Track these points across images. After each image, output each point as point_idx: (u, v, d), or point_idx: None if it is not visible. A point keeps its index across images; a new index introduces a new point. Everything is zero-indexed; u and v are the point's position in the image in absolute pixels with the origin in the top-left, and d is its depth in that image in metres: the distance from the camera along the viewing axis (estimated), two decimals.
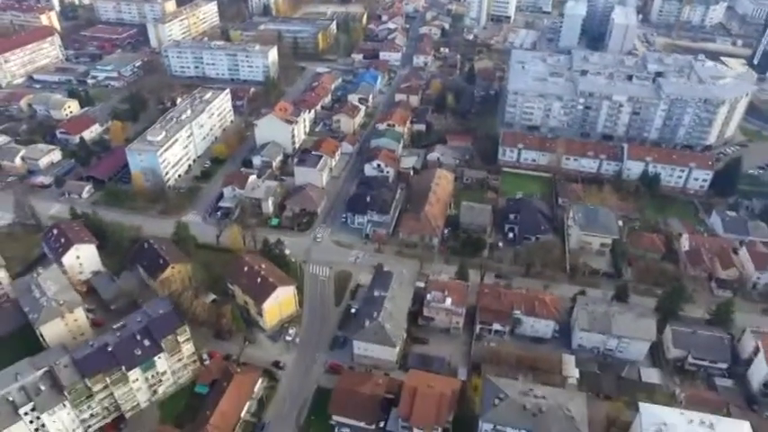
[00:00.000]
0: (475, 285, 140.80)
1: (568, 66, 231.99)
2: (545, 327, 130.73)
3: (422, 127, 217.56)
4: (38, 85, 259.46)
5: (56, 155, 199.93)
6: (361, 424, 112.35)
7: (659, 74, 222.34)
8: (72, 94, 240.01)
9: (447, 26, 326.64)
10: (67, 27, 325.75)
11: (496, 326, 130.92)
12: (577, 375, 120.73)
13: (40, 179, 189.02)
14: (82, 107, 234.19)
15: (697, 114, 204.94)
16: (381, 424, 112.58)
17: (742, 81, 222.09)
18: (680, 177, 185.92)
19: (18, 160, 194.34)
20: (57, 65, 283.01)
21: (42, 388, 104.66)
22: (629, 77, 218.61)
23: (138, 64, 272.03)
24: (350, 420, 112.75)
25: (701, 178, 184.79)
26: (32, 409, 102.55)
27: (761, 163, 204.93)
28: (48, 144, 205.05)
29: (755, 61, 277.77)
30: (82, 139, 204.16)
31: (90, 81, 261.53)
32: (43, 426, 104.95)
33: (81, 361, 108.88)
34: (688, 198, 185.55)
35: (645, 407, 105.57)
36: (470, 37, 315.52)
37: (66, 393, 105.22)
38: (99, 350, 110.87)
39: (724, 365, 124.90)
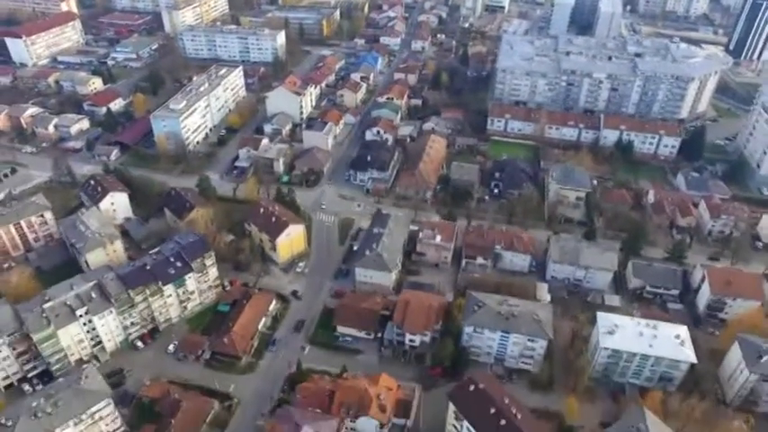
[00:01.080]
0: (462, 229, 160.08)
1: (554, 48, 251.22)
2: (522, 261, 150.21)
3: (418, 102, 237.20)
4: (61, 66, 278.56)
5: (84, 123, 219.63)
6: (362, 334, 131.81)
7: (638, 55, 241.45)
8: (95, 72, 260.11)
9: (444, 15, 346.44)
10: (85, 14, 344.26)
11: (480, 260, 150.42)
12: (549, 299, 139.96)
13: (72, 144, 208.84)
14: (105, 84, 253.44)
15: (670, 90, 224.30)
16: (379, 335, 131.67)
17: (711, 60, 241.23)
18: (651, 144, 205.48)
19: (51, 128, 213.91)
20: (78, 48, 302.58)
21: (93, 296, 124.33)
22: (609, 58, 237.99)
23: (154, 47, 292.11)
24: (352, 331, 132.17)
25: (669, 145, 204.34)
26: (86, 313, 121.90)
27: (728, 135, 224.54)
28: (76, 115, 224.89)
29: (731, 47, 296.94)
30: (108, 109, 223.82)
31: (110, 62, 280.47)
32: (93, 329, 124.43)
33: (125, 276, 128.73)
34: (658, 163, 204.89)
35: (601, 315, 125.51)
36: (466, 25, 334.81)
37: (112, 301, 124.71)
38: (139, 268, 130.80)
39: (676, 292, 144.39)
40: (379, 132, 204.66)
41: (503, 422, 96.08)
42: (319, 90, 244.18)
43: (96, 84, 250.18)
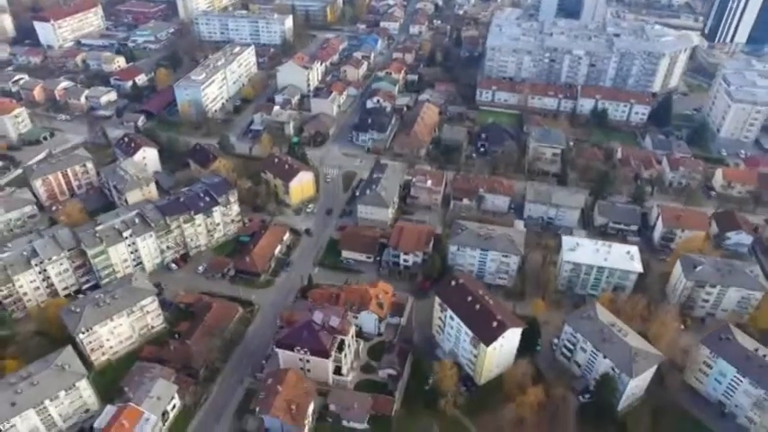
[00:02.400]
0: (451, 178, 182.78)
1: (540, 30, 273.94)
2: (503, 202, 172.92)
3: (414, 77, 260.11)
4: (85, 48, 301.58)
5: (112, 95, 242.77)
6: (363, 257, 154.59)
7: (616, 35, 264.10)
8: (118, 53, 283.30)
9: (440, 2, 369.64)
10: (104, 2, 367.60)
11: (466, 201, 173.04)
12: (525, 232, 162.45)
13: (103, 112, 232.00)
14: (127, 63, 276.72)
15: (643, 65, 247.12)
16: (377, 258, 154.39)
17: (681, 39, 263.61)
18: (623, 112, 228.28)
19: (83, 99, 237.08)
20: (100, 32, 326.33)
21: (137, 222, 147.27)
22: (589, 38, 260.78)
23: (171, 31, 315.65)
24: (354, 255, 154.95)
25: (640, 112, 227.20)
26: (131, 235, 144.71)
27: (696, 107, 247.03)
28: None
29: (706, 31, 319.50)
30: (134, 82, 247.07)
31: (130, 44, 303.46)
32: (136, 250, 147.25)
33: (162, 206, 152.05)
34: (630, 129, 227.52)
35: (565, 237, 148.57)
36: (461, 12, 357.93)
37: (152, 226, 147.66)
38: (174, 200, 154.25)
39: (635, 228, 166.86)
40: (378, 101, 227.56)
41: (477, 306, 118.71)
42: (324, 67, 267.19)
43: (120, 62, 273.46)
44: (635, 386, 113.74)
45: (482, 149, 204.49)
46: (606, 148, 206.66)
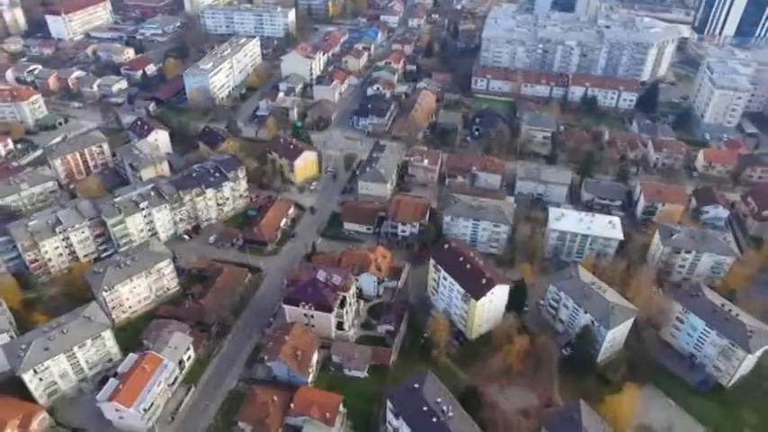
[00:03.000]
0: (446, 158, 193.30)
1: (534, 23, 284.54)
2: (494, 180, 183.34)
3: (413, 67, 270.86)
4: (95, 41, 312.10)
5: (123, 84, 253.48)
6: (363, 228, 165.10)
7: (607, 27, 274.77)
8: (127, 44, 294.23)
9: None
10: None
11: (460, 179, 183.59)
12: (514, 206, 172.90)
13: (115, 99, 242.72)
14: (136, 54, 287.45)
15: (632, 55, 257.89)
16: (377, 229, 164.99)
17: (669, 30, 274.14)
18: (612, 98, 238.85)
19: (95, 87, 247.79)
20: (108, 25, 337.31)
21: (152, 195, 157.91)
22: (581, 30, 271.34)
23: (178, 24, 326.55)
24: (355, 226, 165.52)
25: (628, 99, 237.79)
26: (147, 206, 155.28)
27: (683, 95, 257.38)
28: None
29: (696, 24, 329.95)
30: (144, 72, 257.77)
31: (139, 37, 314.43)
32: (152, 221, 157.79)
33: (176, 181, 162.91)
34: (619, 115, 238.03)
35: (552, 209, 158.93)
36: (458, 7, 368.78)
37: (167, 198, 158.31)
38: (187, 176, 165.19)
39: (619, 203, 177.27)
40: (378, 89, 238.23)
41: (468, 266, 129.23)
42: (327, 58, 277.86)
43: (129, 53, 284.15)
44: (612, 338, 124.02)
45: (476, 133, 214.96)
46: (595, 131, 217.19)
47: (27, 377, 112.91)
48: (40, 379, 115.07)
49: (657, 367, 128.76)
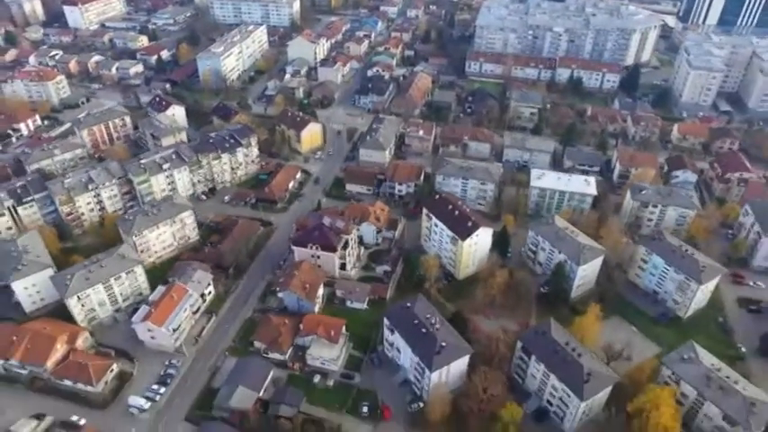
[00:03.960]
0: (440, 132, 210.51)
1: (525, 11, 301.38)
2: (484, 148, 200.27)
3: (411, 53, 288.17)
4: (110, 30, 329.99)
5: (139, 67, 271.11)
6: (364, 189, 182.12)
7: (593, 15, 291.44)
8: (142, 32, 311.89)
9: None
10: None
11: (452, 148, 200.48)
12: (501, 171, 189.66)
13: (131, 81, 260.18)
14: (150, 41, 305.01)
15: (616, 41, 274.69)
16: (376, 190, 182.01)
17: (651, 17, 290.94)
18: (596, 80, 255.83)
19: (113, 70, 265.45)
20: (122, 16, 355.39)
21: (174, 158, 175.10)
22: (569, 17, 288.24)
23: (188, 14, 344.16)
24: (356, 187, 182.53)
25: (611, 80, 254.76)
26: (169, 167, 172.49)
27: (664, 78, 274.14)
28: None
29: (680, 14, 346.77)
30: (159, 56, 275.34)
31: (151, 26, 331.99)
32: (173, 181, 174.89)
33: (195, 146, 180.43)
34: (603, 95, 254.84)
35: (533, 170, 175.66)
36: None
37: (186, 161, 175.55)
38: (205, 141, 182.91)
39: (597, 169, 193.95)
40: (378, 71, 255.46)
41: (456, 213, 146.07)
42: (330, 44, 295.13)
43: (144, 41, 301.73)
44: (583, 274, 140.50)
45: (469, 110, 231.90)
46: (579, 108, 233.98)
47: (72, 302, 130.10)
48: (82, 305, 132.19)
49: (624, 302, 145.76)
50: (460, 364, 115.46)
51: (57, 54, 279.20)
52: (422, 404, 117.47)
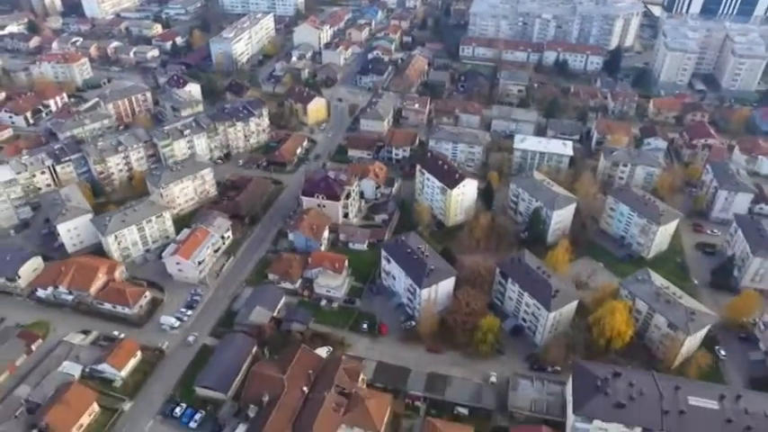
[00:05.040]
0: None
1: (517, 0, 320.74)
2: (474, 120, 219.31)
3: (409, 39, 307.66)
4: (126, 20, 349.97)
5: (155, 52, 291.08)
6: (364, 154, 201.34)
7: (580, 3, 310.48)
8: (156, 21, 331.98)
9: None
10: None
11: (445, 119, 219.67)
12: (489, 139, 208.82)
13: (149, 64, 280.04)
14: (163, 29, 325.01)
15: (601, 26, 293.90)
16: (376, 155, 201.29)
17: (633, 4, 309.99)
18: (581, 62, 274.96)
19: (132, 54, 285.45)
20: (135, 6, 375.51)
21: (193, 125, 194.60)
22: (557, 5, 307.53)
23: (198, 4, 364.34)
24: (358, 152, 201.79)
25: (595, 62, 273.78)
26: (189, 133, 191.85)
27: (645, 61, 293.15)
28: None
29: (665, 4, 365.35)
30: (174, 42, 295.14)
31: (164, 15, 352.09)
32: (192, 146, 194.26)
33: (212, 115, 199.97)
34: (587, 76, 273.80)
35: (517, 135, 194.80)
36: None
37: (204, 128, 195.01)
38: (221, 111, 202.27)
39: (577, 137, 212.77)
40: (377, 54, 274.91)
41: (446, 167, 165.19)
42: (332, 31, 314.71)
43: (158, 28, 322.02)
44: (558, 219, 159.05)
45: (461, 88, 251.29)
46: (563, 86, 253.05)
47: (110, 240, 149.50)
48: (119, 243, 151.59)
49: (594, 245, 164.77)
50: (447, 285, 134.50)
51: (77, 41, 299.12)
52: (413, 323, 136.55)
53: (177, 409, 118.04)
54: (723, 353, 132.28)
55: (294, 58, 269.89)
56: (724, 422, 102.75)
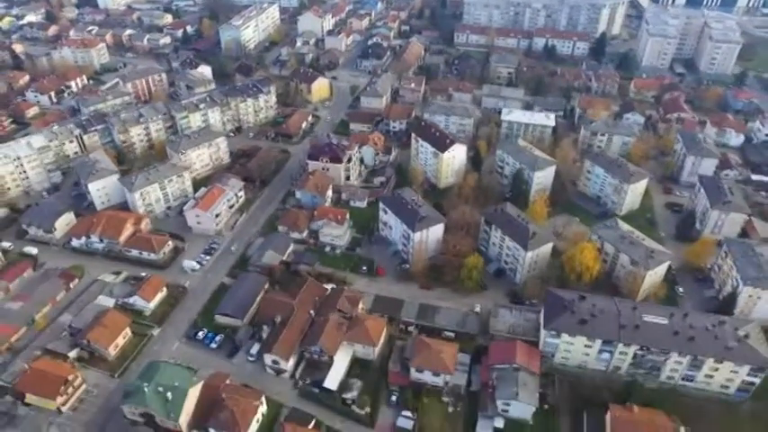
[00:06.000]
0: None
1: None
2: (466, 98, 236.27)
3: (407, 27, 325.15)
4: (138, 10, 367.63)
5: (167, 39, 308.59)
6: (365, 127, 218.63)
7: None
8: (166, 11, 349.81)
9: None
10: None
11: (439, 98, 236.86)
12: (480, 115, 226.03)
13: (162, 51, 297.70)
14: (174, 19, 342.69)
15: (588, 15, 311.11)
16: (375, 128, 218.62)
17: None
18: (568, 47, 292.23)
19: (145, 41, 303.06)
20: None
21: (207, 100, 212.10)
22: None
23: None
24: (358, 125, 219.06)
25: (581, 47, 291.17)
26: (204, 107, 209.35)
27: (631, 48, 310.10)
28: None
29: None
30: (185, 30, 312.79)
31: (174, 7, 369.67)
32: (207, 119, 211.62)
33: (224, 91, 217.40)
34: (574, 60, 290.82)
35: (504, 108, 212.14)
36: None
37: (218, 103, 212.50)
38: (232, 88, 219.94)
39: (560, 113, 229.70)
40: (377, 40, 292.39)
41: (437, 134, 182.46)
42: (334, 21, 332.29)
43: (169, 18, 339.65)
44: (539, 179, 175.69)
45: (455, 71, 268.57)
46: (551, 70, 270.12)
47: (136, 196, 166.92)
48: (143, 199, 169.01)
49: (573, 204, 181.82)
50: (437, 231, 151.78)
51: (93, 29, 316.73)
52: (407, 265, 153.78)
53: (200, 333, 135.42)
54: (681, 290, 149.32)
55: (299, 44, 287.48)
56: (672, 334, 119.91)
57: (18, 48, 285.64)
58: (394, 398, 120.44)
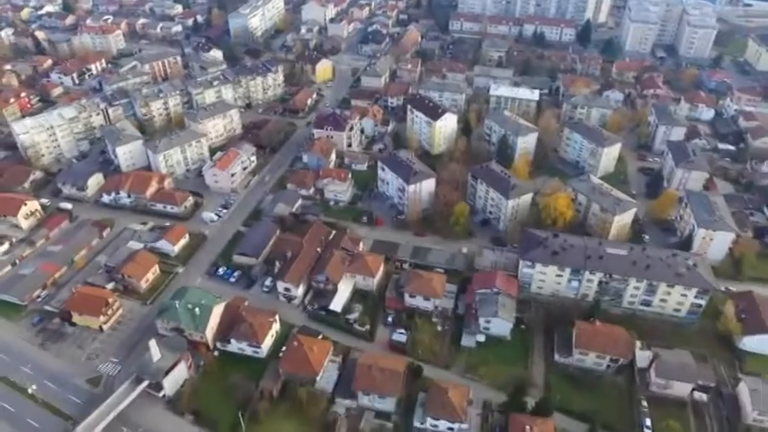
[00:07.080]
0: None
1: None
2: (459, 78, 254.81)
3: (404, 16, 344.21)
4: (150, 2, 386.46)
5: (179, 27, 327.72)
6: (365, 104, 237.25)
7: None
8: (176, 1, 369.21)
9: None
10: None
11: (434, 78, 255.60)
12: (471, 92, 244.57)
13: (174, 37, 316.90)
14: (183, 9, 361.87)
15: (576, 3, 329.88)
16: (374, 103, 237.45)
17: None
18: (556, 33, 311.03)
19: (158, 29, 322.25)
20: None
21: (220, 78, 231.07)
22: None
23: None
24: (359, 102, 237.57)
25: (568, 34, 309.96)
26: (217, 85, 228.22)
27: (617, 35, 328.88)
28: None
29: None
30: (195, 19, 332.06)
31: None
32: (220, 96, 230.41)
33: (235, 70, 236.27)
34: (562, 46, 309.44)
35: (492, 84, 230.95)
36: None
37: (230, 80, 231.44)
38: (243, 67, 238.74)
39: (546, 91, 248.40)
40: (376, 27, 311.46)
41: (431, 105, 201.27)
42: (336, 11, 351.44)
43: (179, 9, 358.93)
44: (522, 144, 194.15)
45: (450, 54, 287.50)
46: (539, 53, 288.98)
47: (159, 158, 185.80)
48: (166, 161, 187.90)
49: (553, 167, 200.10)
50: (429, 184, 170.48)
51: (108, 18, 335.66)
52: (403, 216, 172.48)
53: (220, 270, 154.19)
54: (647, 237, 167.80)
55: (303, 31, 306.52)
56: (631, 263, 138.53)
57: (40, 35, 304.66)
58: (390, 319, 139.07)
